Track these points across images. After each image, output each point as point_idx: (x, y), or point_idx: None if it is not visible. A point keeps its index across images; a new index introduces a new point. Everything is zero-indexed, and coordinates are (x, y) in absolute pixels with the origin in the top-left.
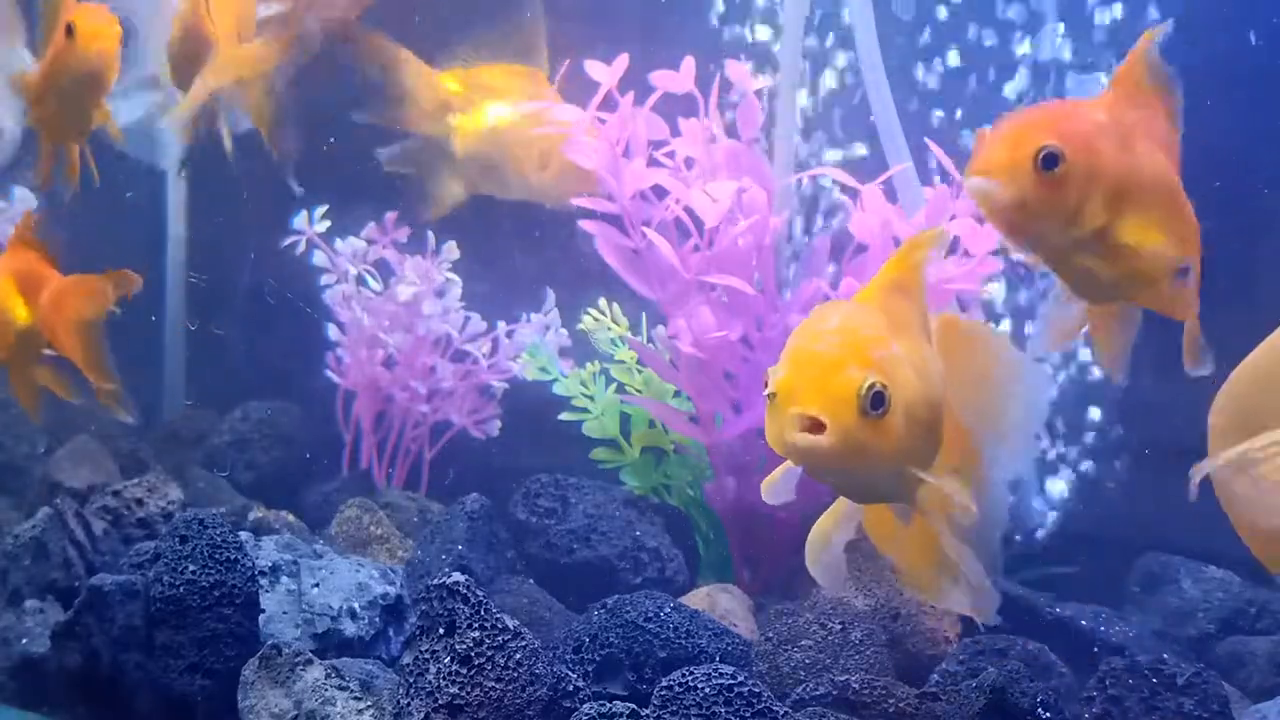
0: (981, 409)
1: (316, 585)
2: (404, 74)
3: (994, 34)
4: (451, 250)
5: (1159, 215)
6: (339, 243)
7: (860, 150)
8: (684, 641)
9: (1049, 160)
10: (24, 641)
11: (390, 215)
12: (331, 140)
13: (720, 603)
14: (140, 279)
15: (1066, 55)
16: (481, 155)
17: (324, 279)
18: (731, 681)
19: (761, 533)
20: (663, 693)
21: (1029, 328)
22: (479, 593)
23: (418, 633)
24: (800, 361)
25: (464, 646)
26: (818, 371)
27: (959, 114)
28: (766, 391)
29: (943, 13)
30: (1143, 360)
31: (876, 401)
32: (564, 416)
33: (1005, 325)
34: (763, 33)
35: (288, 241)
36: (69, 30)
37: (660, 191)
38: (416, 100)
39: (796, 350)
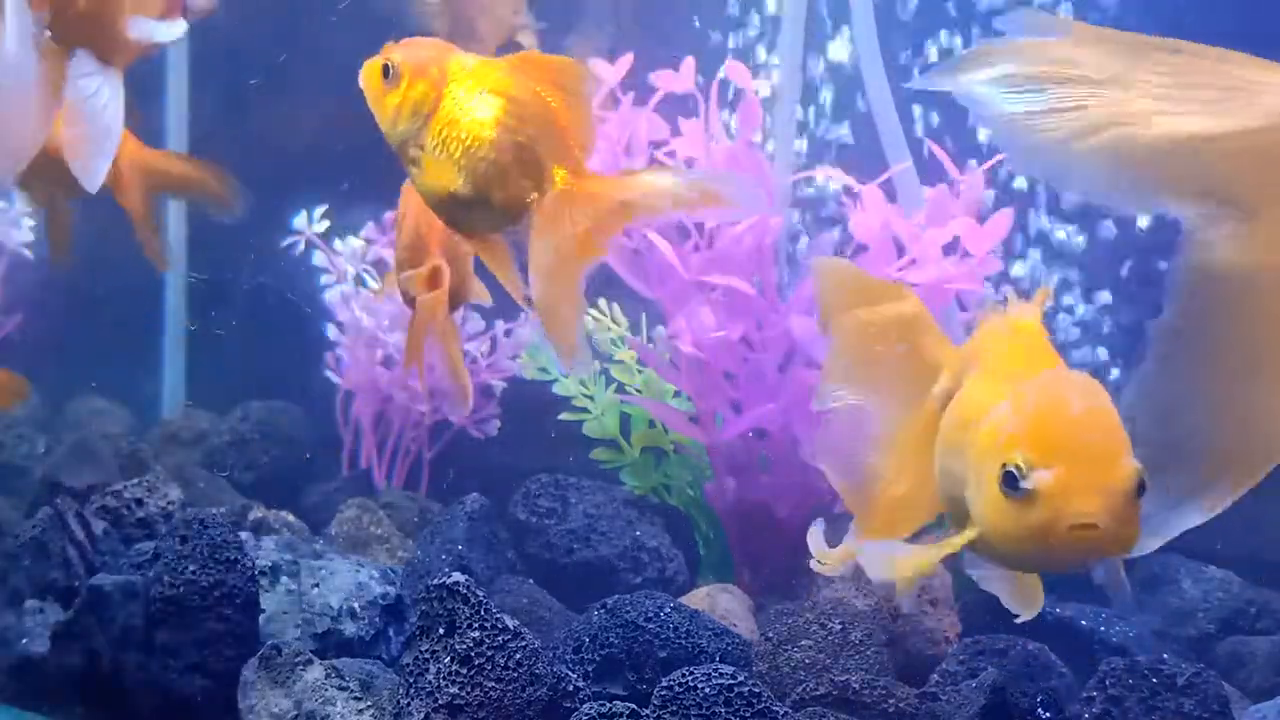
0: None
1: (316, 585)
2: None
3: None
4: None
5: (454, 157)
6: (338, 243)
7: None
8: (684, 641)
9: (385, 70)
10: (24, 641)
11: (389, 215)
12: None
13: (720, 603)
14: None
15: None
16: None
17: (323, 279)
18: (731, 681)
19: (761, 533)
20: (663, 693)
21: None
22: (479, 593)
23: (418, 633)
24: (1067, 456)
25: (464, 646)
26: (1094, 469)
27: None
28: (1029, 477)
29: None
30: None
31: (1141, 489)
32: (564, 416)
33: None
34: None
35: (287, 242)
36: None
37: None
38: None
39: (1059, 442)
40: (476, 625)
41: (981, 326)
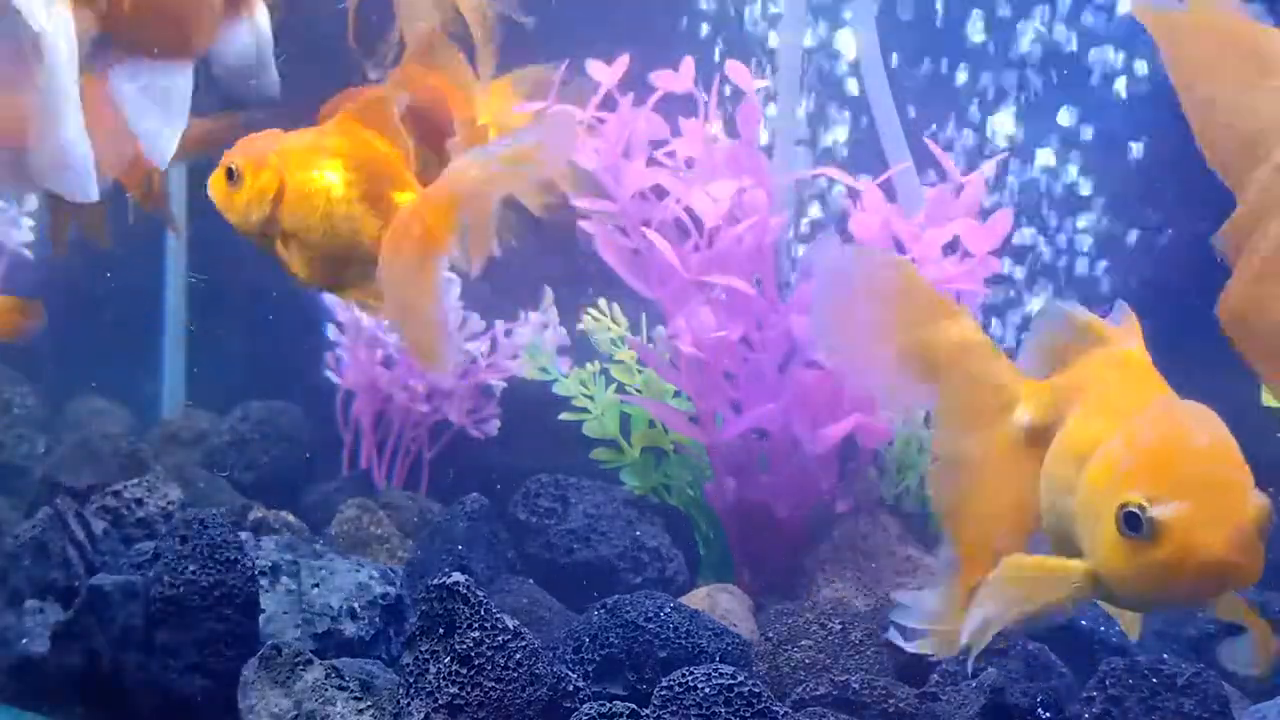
0: None
1: (316, 585)
2: None
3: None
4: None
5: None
6: None
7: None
8: (684, 641)
9: (229, 174)
10: (24, 641)
11: None
12: None
13: (720, 603)
14: None
15: None
16: None
17: None
18: (731, 681)
19: (761, 533)
20: (663, 693)
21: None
22: (479, 593)
23: (418, 633)
24: (1191, 491)
25: (464, 646)
26: (1220, 504)
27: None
28: (1152, 516)
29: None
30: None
31: (1268, 520)
32: (564, 416)
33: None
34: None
35: None
36: None
37: (660, 191)
38: None
39: (1181, 477)
40: (476, 625)
41: (1078, 358)
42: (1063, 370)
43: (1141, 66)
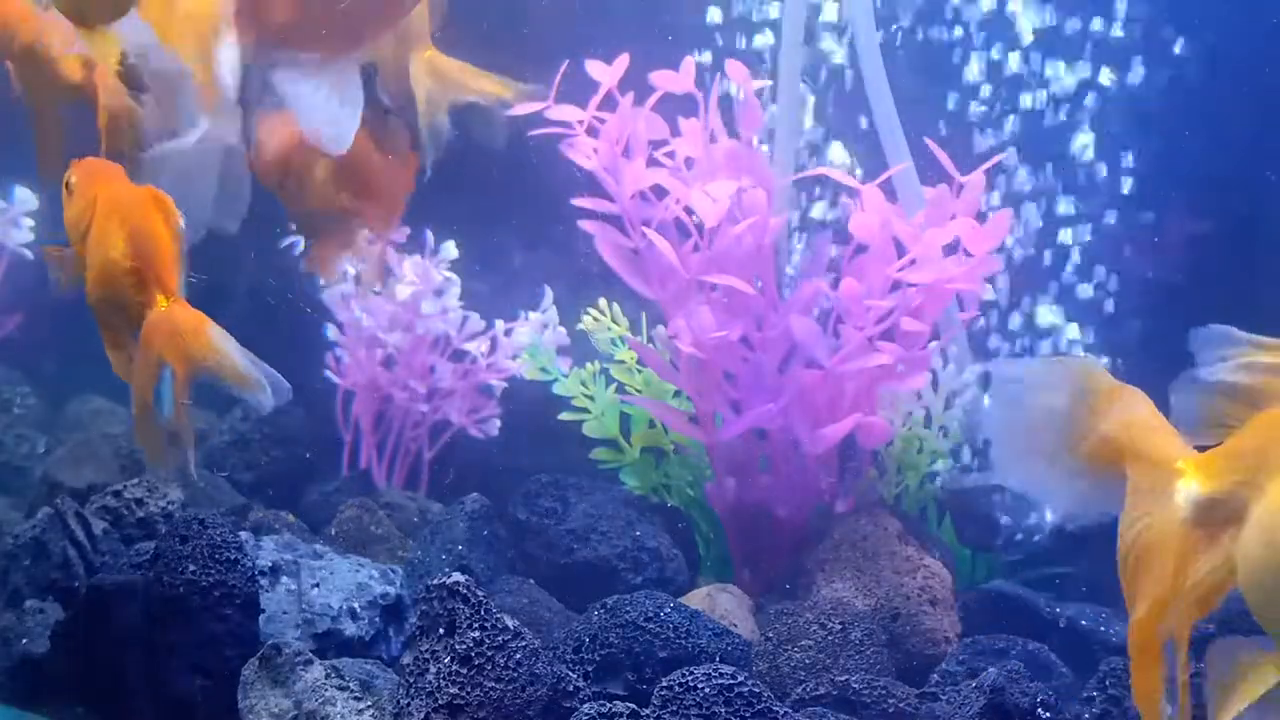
0: None
1: (316, 585)
2: None
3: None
4: (450, 250)
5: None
6: None
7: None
8: (684, 641)
9: (66, 184)
10: (24, 641)
11: None
12: None
13: (720, 603)
14: None
15: None
16: None
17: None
18: (731, 681)
19: (761, 533)
20: (663, 693)
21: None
22: (479, 593)
23: (418, 633)
24: None
25: (464, 646)
26: None
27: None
28: None
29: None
30: (1146, 358)
31: None
32: (564, 416)
33: None
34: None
35: (287, 242)
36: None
37: (660, 191)
38: None
39: None
40: (476, 625)
41: (1255, 417)
42: (1237, 435)
43: (1139, 69)
